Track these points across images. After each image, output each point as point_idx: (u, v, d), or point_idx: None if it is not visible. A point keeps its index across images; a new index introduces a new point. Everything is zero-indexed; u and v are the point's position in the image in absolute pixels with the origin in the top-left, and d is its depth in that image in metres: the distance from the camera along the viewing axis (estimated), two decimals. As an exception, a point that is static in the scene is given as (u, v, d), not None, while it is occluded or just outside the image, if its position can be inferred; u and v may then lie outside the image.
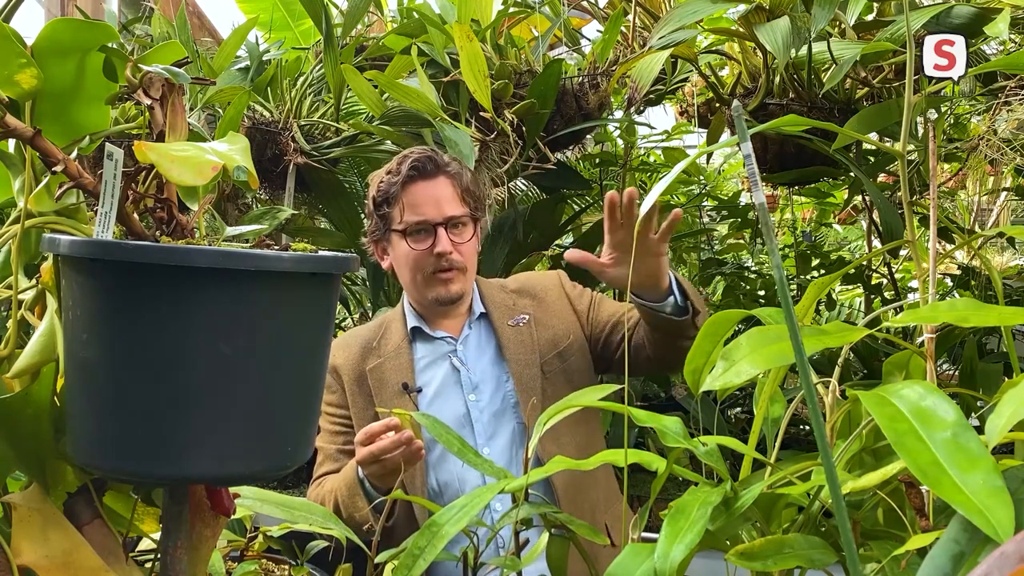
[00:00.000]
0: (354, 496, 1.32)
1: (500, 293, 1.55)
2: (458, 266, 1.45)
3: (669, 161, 2.78)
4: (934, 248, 0.73)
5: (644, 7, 1.99)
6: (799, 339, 0.45)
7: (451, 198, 1.44)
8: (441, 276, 1.44)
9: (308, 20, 2.63)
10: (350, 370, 1.49)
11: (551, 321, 1.52)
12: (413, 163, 1.43)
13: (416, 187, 1.43)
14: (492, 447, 1.44)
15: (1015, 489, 0.50)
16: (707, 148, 0.86)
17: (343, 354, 1.51)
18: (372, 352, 1.50)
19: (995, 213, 3.50)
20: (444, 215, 1.42)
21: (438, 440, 0.89)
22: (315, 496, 1.43)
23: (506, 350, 1.48)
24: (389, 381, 1.47)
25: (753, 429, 0.72)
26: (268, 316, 0.65)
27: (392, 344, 1.50)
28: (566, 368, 1.49)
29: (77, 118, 0.78)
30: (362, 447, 1.22)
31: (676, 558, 0.58)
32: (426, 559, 0.70)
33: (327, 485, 1.41)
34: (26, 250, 0.76)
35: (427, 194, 1.43)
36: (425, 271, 1.44)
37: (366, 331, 1.56)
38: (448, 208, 1.43)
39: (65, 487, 0.74)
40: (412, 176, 1.43)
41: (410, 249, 1.44)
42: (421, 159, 1.44)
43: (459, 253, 1.44)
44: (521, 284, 1.58)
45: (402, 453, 1.20)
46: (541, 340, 1.49)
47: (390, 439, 1.20)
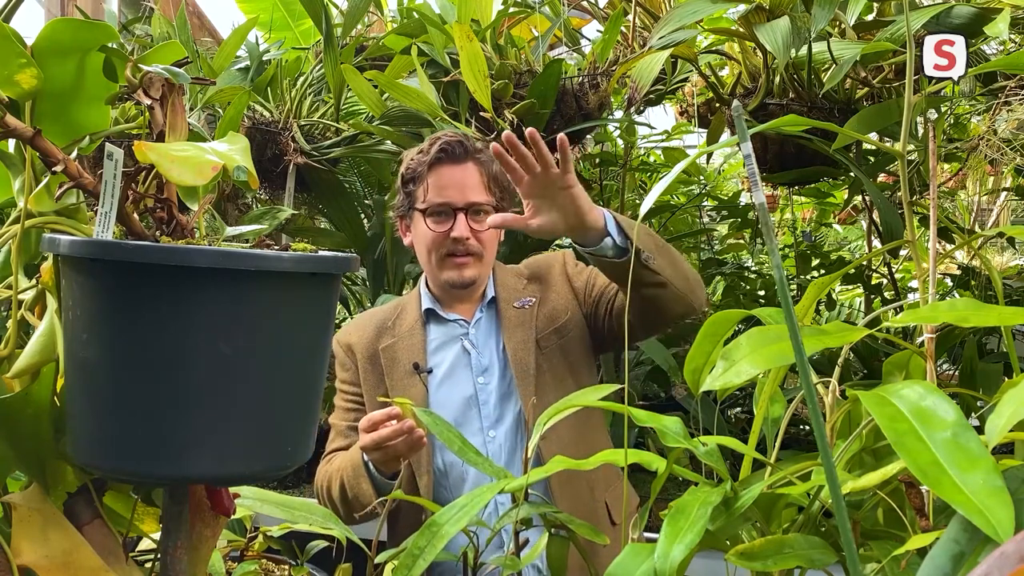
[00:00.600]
0: (358, 478, 1.34)
1: (513, 278, 1.56)
2: (474, 252, 1.45)
3: (669, 161, 2.78)
4: (934, 248, 0.73)
5: (644, 7, 1.99)
6: (799, 339, 0.45)
7: (476, 185, 1.44)
8: (456, 260, 1.45)
9: (308, 20, 2.63)
10: (363, 348, 1.51)
11: (551, 298, 1.53)
12: (443, 145, 1.44)
13: (443, 169, 1.44)
14: (498, 430, 1.45)
15: (1015, 489, 0.50)
16: (707, 148, 0.86)
17: (358, 333, 1.53)
18: (386, 332, 1.52)
19: (995, 213, 3.50)
20: (466, 200, 1.43)
21: (439, 437, 0.89)
22: (324, 471, 1.44)
23: (505, 331, 1.49)
24: (401, 360, 1.48)
25: (753, 429, 0.72)
26: (268, 316, 0.65)
27: (406, 325, 1.52)
28: (563, 345, 1.49)
29: (77, 118, 0.78)
30: (365, 434, 1.23)
31: (676, 558, 0.58)
32: (426, 559, 0.70)
33: (336, 462, 1.43)
34: (26, 250, 0.76)
35: (453, 178, 1.43)
36: (441, 252, 1.45)
37: (383, 312, 1.57)
38: (472, 194, 1.43)
39: (65, 487, 0.74)
40: (440, 158, 1.44)
41: (428, 229, 1.45)
42: (452, 142, 1.44)
43: (477, 240, 1.45)
44: (532, 269, 1.59)
45: (404, 441, 1.21)
46: (539, 317, 1.50)
47: (391, 428, 1.21)
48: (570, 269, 1.56)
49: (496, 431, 1.45)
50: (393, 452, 1.23)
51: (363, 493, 1.32)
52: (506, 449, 1.44)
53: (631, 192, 2.81)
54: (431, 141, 1.47)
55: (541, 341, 1.48)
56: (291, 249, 0.71)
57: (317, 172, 2.25)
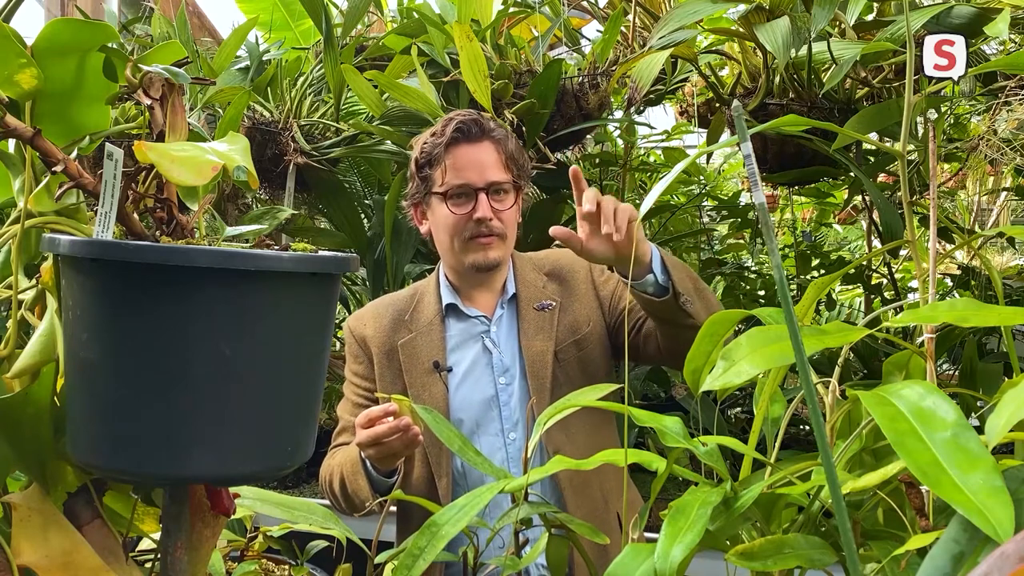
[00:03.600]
0: (356, 474, 1.33)
1: (532, 273, 1.52)
2: (498, 232, 1.42)
3: (669, 161, 2.78)
4: (934, 248, 0.73)
5: (644, 7, 1.99)
6: (799, 339, 0.45)
7: (495, 163, 1.41)
8: (480, 241, 1.42)
9: (308, 20, 2.63)
10: (380, 343, 1.48)
11: (574, 306, 1.49)
12: (458, 125, 1.40)
13: (460, 150, 1.40)
14: (518, 432, 1.43)
15: (1015, 489, 0.50)
16: (707, 148, 0.86)
17: (374, 324, 1.50)
18: (404, 325, 1.48)
19: (995, 213, 3.50)
20: (487, 180, 1.40)
21: (438, 436, 0.89)
22: (327, 465, 1.43)
23: (524, 335, 1.46)
24: (420, 358, 1.45)
25: (753, 429, 0.72)
26: (268, 316, 0.65)
27: (425, 318, 1.48)
28: (582, 356, 1.46)
29: (77, 118, 0.78)
30: (361, 429, 1.23)
31: (676, 558, 0.58)
32: (426, 559, 0.70)
33: (338, 456, 1.42)
34: (26, 250, 0.76)
35: (471, 158, 1.40)
36: (464, 235, 1.42)
37: (399, 301, 1.53)
38: (491, 173, 1.40)
39: (65, 487, 0.74)
40: (456, 139, 1.40)
41: (450, 212, 1.41)
42: (467, 121, 1.41)
43: (499, 220, 1.42)
44: (552, 266, 1.54)
45: (399, 439, 1.20)
46: (560, 326, 1.46)
47: (388, 425, 1.20)
48: (596, 276, 1.52)
49: (516, 433, 1.43)
50: (388, 449, 1.22)
51: (360, 490, 1.32)
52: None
53: (631, 192, 2.81)
54: (444, 122, 1.43)
55: (560, 353, 1.44)
56: (291, 249, 0.71)
57: (317, 172, 2.25)
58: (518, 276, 1.51)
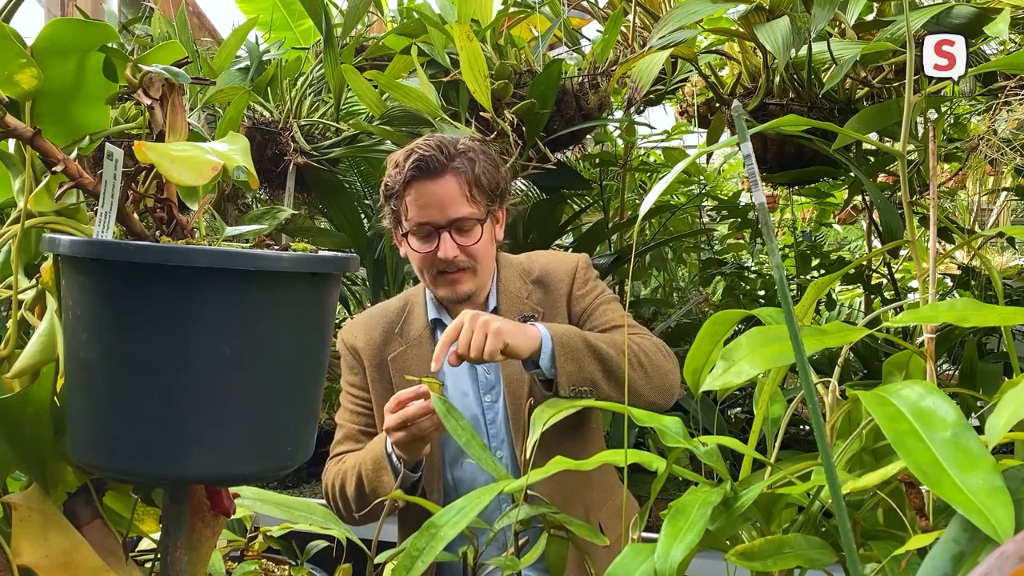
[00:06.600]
0: (379, 471, 1.31)
1: (518, 281, 1.49)
2: (464, 267, 1.39)
3: (669, 161, 2.78)
4: (934, 248, 0.73)
5: (644, 7, 1.99)
6: (799, 339, 0.45)
7: (456, 198, 1.36)
8: (448, 277, 1.40)
9: (308, 20, 2.63)
10: (371, 355, 1.47)
11: (555, 319, 1.45)
12: (416, 161, 1.36)
13: (420, 187, 1.36)
14: (504, 450, 1.42)
15: (1015, 489, 0.50)
16: (707, 148, 0.86)
17: (365, 337, 1.49)
18: (394, 337, 1.48)
19: (995, 213, 3.50)
20: (448, 218, 1.36)
21: (448, 427, 0.89)
22: (335, 470, 1.41)
23: None
24: (410, 373, 1.42)
25: (753, 429, 0.72)
26: (268, 316, 0.65)
27: (415, 331, 1.47)
28: None
29: (77, 118, 0.78)
30: (391, 413, 1.22)
31: (676, 558, 0.58)
32: (425, 560, 0.70)
33: (349, 460, 1.40)
34: (26, 250, 0.76)
35: (431, 195, 1.36)
36: (432, 271, 1.40)
37: (390, 312, 1.52)
38: (453, 210, 1.36)
39: (65, 487, 0.74)
40: (414, 176, 1.36)
41: (414, 251, 1.40)
42: (425, 156, 1.36)
43: (466, 255, 1.39)
44: (541, 271, 1.50)
45: (430, 418, 1.20)
46: None
47: (418, 405, 1.20)
48: (575, 290, 1.48)
49: (503, 451, 1.42)
50: (418, 431, 1.21)
51: (383, 486, 1.30)
52: (511, 469, 1.41)
53: (631, 192, 2.82)
54: (407, 152, 1.39)
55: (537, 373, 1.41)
56: (291, 249, 0.71)
57: (317, 172, 2.25)
58: (501, 288, 1.48)
